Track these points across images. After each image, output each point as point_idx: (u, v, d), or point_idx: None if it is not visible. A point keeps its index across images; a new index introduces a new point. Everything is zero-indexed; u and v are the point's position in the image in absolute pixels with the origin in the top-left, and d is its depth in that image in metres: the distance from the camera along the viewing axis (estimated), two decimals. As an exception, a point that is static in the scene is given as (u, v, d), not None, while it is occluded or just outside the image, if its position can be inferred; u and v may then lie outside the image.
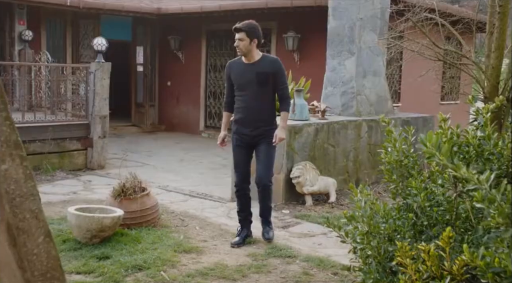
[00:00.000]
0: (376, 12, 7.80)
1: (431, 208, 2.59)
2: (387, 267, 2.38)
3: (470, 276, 2.16)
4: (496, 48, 5.18)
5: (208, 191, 7.26)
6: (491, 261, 1.80)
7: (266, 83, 4.87)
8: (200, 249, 4.79)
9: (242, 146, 5.02)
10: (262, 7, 10.39)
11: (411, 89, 10.97)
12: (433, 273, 2.15)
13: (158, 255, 4.47)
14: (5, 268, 2.35)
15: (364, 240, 2.48)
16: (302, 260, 4.54)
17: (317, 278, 4.15)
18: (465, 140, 2.54)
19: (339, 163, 7.31)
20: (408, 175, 2.78)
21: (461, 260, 2.08)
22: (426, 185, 2.67)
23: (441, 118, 2.57)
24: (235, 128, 5.03)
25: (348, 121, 7.51)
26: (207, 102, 12.95)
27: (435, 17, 6.16)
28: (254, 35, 4.87)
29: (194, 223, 5.67)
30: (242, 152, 5.03)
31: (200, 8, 11.33)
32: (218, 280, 4.07)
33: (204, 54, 12.79)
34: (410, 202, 2.67)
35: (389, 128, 2.92)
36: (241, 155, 5.04)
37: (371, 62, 7.99)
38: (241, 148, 5.03)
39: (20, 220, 2.22)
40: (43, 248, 2.30)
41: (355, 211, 2.56)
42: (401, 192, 2.77)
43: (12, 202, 2.20)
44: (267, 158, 4.97)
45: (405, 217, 2.65)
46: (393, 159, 2.82)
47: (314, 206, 6.48)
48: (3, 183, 2.17)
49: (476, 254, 1.85)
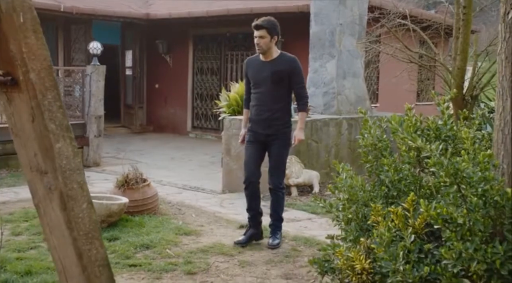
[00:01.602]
0: (355, 18, 8.42)
1: (400, 182, 3.16)
2: (364, 226, 2.95)
3: (428, 231, 2.74)
4: (461, 51, 5.82)
5: (200, 185, 7.79)
6: (441, 211, 2.38)
7: (281, 81, 4.80)
8: (198, 232, 5.32)
9: (255, 142, 4.92)
10: (247, 13, 10.93)
11: (388, 90, 11.62)
12: (399, 228, 2.71)
13: (162, 237, 5.00)
14: (55, 229, 2.88)
15: (345, 206, 3.05)
16: (291, 239, 5.09)
17: (304, 253, 4.70)
18: (426, 125, 3.13)
19: (322, 158, 7.89)
20: (381, 155, 3.36)
21: (421, 217, 2.65)
22: (395, 164, 3.26)
23: (407, 108, 3.15)
24: (250, 125, 4.98)
25: (330, 119, 8.10)
26: (194, 104, 13.47)
27: (408, 23, 6.78)
28: (275, 32, 4.77)
29: (190, 212, 6.20)
30: (254, 148, 4.92)
31: (188, 14, 11.87)
32: (217, 255, 4.61)
33: (191, 58, 13.32)
34: (383, 178, 3.24)
35: (366, 118, 3.51)
36: (253, 151, 4.92)
37: (350, 65, 8.60)
38: (254, 144, 4.92)
39: (69, 189, 2.75)
40: (87, 212, 2.83)
41: (338, 182, 3.13)
42: (375, 170, 3.35)
43: (63, 174, 2.72)
44: (279, 161, 4.90)
45: (378, 190, 3.22)
46: (369, 143, 3.39)
47: (299, 197, 7.05)
48: (57, 158, 2.69)
49: (430, 206, 2.43)
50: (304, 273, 4.25)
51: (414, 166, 3.18)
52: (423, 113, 3.39)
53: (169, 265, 4.30)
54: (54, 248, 2.98)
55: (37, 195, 2.87)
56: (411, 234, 2.56)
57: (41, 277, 3.89)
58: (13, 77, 2.54)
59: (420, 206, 2.57)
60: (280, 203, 4.97)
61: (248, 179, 4.88)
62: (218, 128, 12.96)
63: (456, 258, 2.28)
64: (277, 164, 4.89)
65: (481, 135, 3.41)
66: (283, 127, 4.88)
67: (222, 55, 12.80)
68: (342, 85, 8.51)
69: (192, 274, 4.16)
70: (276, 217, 4.98)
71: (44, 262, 4.21)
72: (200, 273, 4.19)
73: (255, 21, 4.83)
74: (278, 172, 4.90)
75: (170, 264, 4.31)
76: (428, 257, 2.47)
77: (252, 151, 4.93)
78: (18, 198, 6.45)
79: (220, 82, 12.79)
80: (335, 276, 2.93)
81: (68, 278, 2.99)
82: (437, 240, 2.61)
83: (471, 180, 2.36)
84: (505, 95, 2.77)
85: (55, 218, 2.82)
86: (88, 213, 2.83)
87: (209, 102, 13.10)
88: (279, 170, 4.91)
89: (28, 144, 2.73)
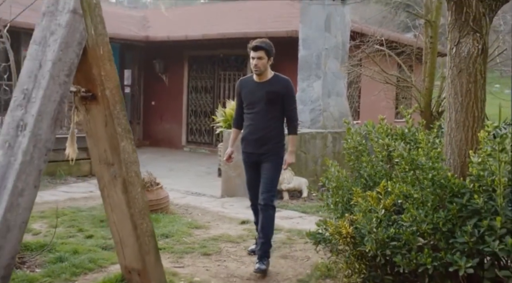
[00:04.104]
0: (338, 43, 9.49)
1: (375, 175, 4.13)
2: (347, 207, 3.91)
3: (395, 209, 3.70)
4: (428, 74, 6.87)
5: (201, 191, 8.70)
6: (403, 189, 3.35)
7: (275, 102, 4.83)
8: (207, 226, 6.24)
9: (251, 165, 4.96)
10: (241, 37, 11.93)
11: (369, 108, 12.68)
12: (374, 207, 3.67)
13: (177, 229, 5.91)
14: (116, 208, 3.80)
15: (334, 192, 4.01)
16: (286, 231, 6.03)
17: (298, 242, 5.64)
18: (394, 131, 4.13)
19: (310, 167, 8.87)
20: (360, 155, 4.33)
21: (390, 198, 3.61)
22: (371, 162, 4.23)
23: (380, 118, 4.15)
24: (243, 146, 5.00)
25: (316, 132, 9.10)
26: (189, 120, 14.41)
27: (384, 49, 7.83)
28: (271, 54, 4.83)
29: (196, 212, 7.12)
30: (252, 169, 4.95)
31: (185, 37, 12.86)
32: (226, 243, 5.53)
33: (186, 77, 14.31)
34: (362, 172, 4.22)
35: (348, 127, 4.49)
36: (252, 173, 4.96)
37: (334, 85, 9.65)
38: (250, 166, 4.97)
39: (130, 177, 3.69)
40: (140, 194, 3.77)
41: (328, 174, 4.10)
42: (356, 166, 4.32)
43: (126, 165, 3.66)
44: (272, 179, 4.85)
45: (359, 182, 4.19)
46: (351, 146, 4.37)
47: (290, 200, 8.00)
48: (122, 153, 3.63)
49: (393, 186, 3.40)
50: (298, 255, 5.19)
51: (386, 163, 4.15)
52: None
53: (187, 248, 5.22)
54: (113, 223, 3.93)
55: (102, 181, 3.83)
56: (382, 209, 3.52)
57: (86, 255, 4.78)
58: (92, 93, 3.51)
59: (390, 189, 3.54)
60: (270, 224, 4.82)
61: (253, 201, 5.00)
62: (211, 143, 13.93)
63: (412, 221, 3.25)
64: (269, 181, 4.83)
65: (438, 140, 4.42)
66: (277, 147, 4.89)
67: (215, 75, 13.79)
68: (327, 103, 9.53)
69: (207, 255, 5.09)
70: (265, 240, 4.77)
71: (85, 246, 5.11)
72: (214, 255, 5.11)
73: (254, 43, 4.83)
74: (270, 189, 4.81)
75: (189, 248, 5.23)
76: (394, 224, 3.43)
77: (251, 173, 4.97)
78: (43, 200, 7.29)
79: (213, 100, 13.78)
80: (326, 244, 3.88)
81: (123, 246, 3.95)
82: (400, 214, 3.58)
83: (423, 167, 3.34)
84: (451, 109, 3.76)
85: (117, 199, 3.76)
86: (142, 195, 3.79)
87: (203, 118, 14.07)
88: (271, 187, 4.84)
89: (100, 143, 3.69)
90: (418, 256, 3.17)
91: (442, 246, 3.19)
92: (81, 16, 3.27)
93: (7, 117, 3.19)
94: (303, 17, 9.52)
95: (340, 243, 3.62)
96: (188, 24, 14.16)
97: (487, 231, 3.02)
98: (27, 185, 3.06)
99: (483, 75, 3.69)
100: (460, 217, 3.19)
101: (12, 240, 3.00)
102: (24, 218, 3.05)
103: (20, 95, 3.20)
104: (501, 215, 3.00)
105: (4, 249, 2.96)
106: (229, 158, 5.14)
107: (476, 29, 3.62)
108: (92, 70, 3.43)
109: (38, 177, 3.12)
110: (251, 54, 4.81)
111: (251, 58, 4.83)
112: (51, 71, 3.14)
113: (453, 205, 3.20)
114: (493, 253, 2.97)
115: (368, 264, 3.57)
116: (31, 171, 3.07)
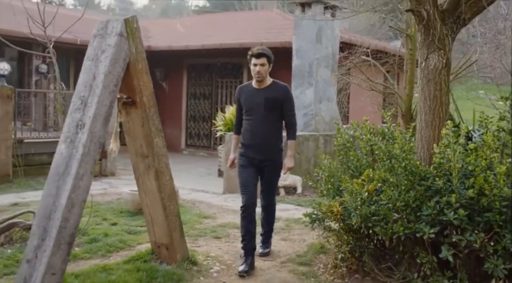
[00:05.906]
0: (329, 54, 10.39)
1: (360, 167, 4.99)
2: (338, 193, 4.77)
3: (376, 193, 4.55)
4: (408, 82, 7.77)
5: (204, 188, 9.53)
6: (381, 175, 4.21)
7: (274, 108, 4.92)
8: (214, 216, 7.08)
9: (249, 167, 4.98)
10: (237, 47, 12.81)
11: (357, 113, 13.57)
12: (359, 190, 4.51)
13: (189, 218, 6.74)
14: (149, 193, 4.63)
15: (327, 180, 4.87)
16: (284, 220, 6.88)
17: (295, 228, 6.49)
18: (376, 130, 5.00)
19: (303, 166, 9.73)
20: (348, 151, 5.19)
21: (372, 184, 4.47)
22: (358, 156, 5.09)
23: (364, 119, 5.02)
24: (243, 150, 5.05)
25: (309, 135, 9.97)
26: (188, 125, 15.25)
27: (370, 59, 8.72)
28: (272, 61, 4.96)
29: (203, 205, 7.95)
30: (250, 170, 4.97)
31: (186, 47, 13.72)
32: (233, 229, 6.36)
33: (185, 84, 15.16)
34: (350, 165, 5.08)
35: (338, 127, 5.36)
36: (249, 175, 4.97)
37: (325, 91, 10.54)
38: (249, 168, 4.98)
39: (161, 167, 4.52)
40: (169, 182, 4.60)
41: (321, 165, 4.96)
42: (345, 160, 5.18)
43: (158, 157, 4.49)
44: (272, 183, 5.14)
45: (347, 173, 5.05)
46: (341, 143, 5.23)
47: (286, 196, 8.86)
48: (155, 147, 4.47)
49: (374, 173, 4.26)
50: (295, 238, 6.04)
51: (369, 156, 5.02)
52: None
53: (200, 233, 6.06)
54: (146, 206, 4.76)
55: (138, 171, 4.66)
56: (365, 192, 4.38)
57: (115, 237, 5.60)
58: (132, 100, 4.33)
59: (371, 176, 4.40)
60: (272, 216, 5.27)
61: (249, 201, 4.86)
62: (209, 146, 14.77)
63: (389, 199, 4.11)
64: (272, 186, 5.17)
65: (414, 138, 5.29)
66: (276, 152, 5.05)
67: (213, 82, 14.66)
68: (319, 108, 10.42)
69: (218, 238, 5.93)
70: (268, 228, 5.30)
71: (113, 230, 5.93)
72: (224, 238, 5.95)
73: (256, 50, 4.90)
74: (272, 192, 5.21)
75: (201, 232, 6.07)
76: (375, 204, 4.29)
77: (248, 174, 4.97)
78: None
79: (211, 105, 14.64)
80: (320, 223, 4.73)
81: (154, 225, 4.78)
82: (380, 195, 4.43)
83: (398, 157, 4.20)
84: (421, 111, 4.63)
85: (150, 186, 4.59)
86: (170, 182, 4.61)
87: (201, 123, 14.92)
88: (273, 190, 5.24)
89: (137, 140, 4.52)
90: (393, 226, 4.04)
91: (412, 219, 4.05)
92: (125, 38, 4.11)
93: (67, 119, 4.01)
94: (297, 30, 10.41)
95: (332, 220, 4.47)
96: (188, 34, 15.02)
97: (446, 205, 3.88)
98: (86, 171, 3.86)
99: (447, 84, 4.57)
100: (426, 196, 4.05)
101: (75, 214, 3.81)
102: (83, 197, 3.86)
103: (78, 100, 4.03)
104: (456, 193, 3.87)
105: (70, 220, 3.77)
106: (232, 164, 5.28)
107: (440, 47, 4.49)
108: (133, 81, 4.27)
109: (93, 165, 3.93)
110: (253, 61, 4.90)
111: (253, 65, 4.91)
112: (104, 82, 3.96)
113: (421, 187, 4.06)
114: (450, 222, 3.83)
115: (354, 236, 4.45)
116: (89, 161, 3.88)
